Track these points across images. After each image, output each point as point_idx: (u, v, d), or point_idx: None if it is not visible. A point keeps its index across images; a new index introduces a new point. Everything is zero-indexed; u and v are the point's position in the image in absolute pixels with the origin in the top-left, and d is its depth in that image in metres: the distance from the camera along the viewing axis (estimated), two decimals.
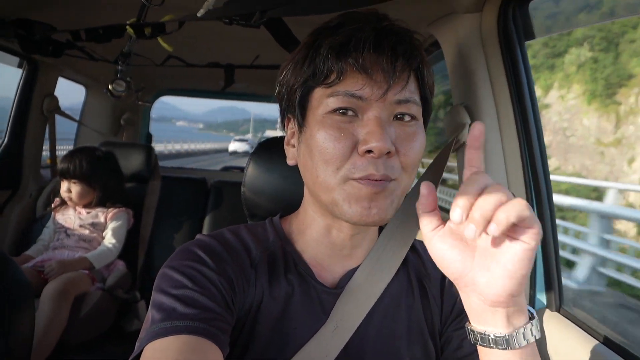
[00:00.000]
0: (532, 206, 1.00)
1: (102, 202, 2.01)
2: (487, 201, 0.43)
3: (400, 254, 0.68)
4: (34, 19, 1.41)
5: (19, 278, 0.96)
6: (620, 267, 5.18)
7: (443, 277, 0.71)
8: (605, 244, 5.45)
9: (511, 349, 0.49)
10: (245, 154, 27.46)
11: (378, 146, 0.54)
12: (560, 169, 15.25)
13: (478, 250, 0.49)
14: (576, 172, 14.75)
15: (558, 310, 0.94)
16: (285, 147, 0.68)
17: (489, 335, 0.50)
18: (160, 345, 0.52)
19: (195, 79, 2.76)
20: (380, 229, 0.71)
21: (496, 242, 0.47)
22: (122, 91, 1.67)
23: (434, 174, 0.86)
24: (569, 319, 0.89)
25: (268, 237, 0.69)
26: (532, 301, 1.00)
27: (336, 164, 0.57)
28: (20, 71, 2.08)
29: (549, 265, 0.98)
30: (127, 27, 1.12)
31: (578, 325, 0.86)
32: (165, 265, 0.61)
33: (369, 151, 0.55)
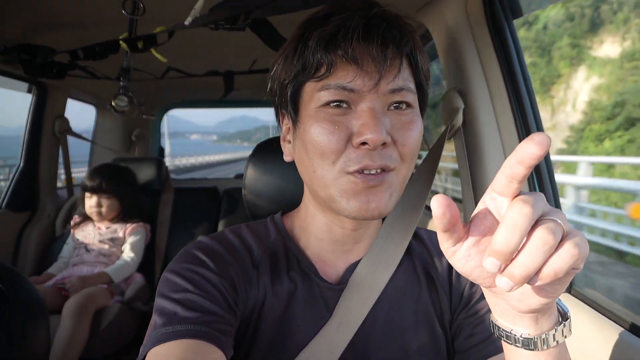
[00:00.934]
0: (534, 185, 0.98)
1: (127, 216, 2.08)
2: (534, 256, 0.34)
3: (402, 245, 0.67)
4: (34, 43, 1.46)
5: (33, 295, 0.99)
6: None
7: (450, 265, 0.68)
8: None
9: (539, 350, 0.44)
10: None
11: (372, 138, 0.52)
12: None
13: None
14: None
15: (569, 291, 0.91)
16: (282, 143, 0.67)
17: (515, 335, 0.45)
18: (163, 351, 0.51)
19: (200, 90, 2.80)
20: (382, 220, 0.70)
21: None
22: (124, 106, 1.70)
23: (431, 162, 0.85)
24: (579, 299, 0.87)
25: (270, 236, 0.68)
26: None
27: (331, 157, 0.55)
28: (30, 97, 2.15)
29: None
30: (120, 42, 1.15)
31: (589, 305, 0.84)
32: (167, 270, 0.61)
33: (364, 143, 0.54)
